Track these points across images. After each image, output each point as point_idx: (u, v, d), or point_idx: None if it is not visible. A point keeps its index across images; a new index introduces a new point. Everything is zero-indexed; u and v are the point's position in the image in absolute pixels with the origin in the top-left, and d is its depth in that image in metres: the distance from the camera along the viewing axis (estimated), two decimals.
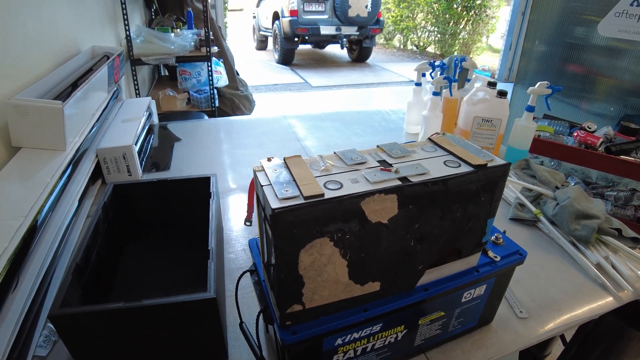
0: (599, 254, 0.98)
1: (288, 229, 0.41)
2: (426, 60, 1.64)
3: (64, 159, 1.00)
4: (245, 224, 0.62)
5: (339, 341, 0.56)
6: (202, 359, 0.68)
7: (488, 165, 0.51)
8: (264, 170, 0.48)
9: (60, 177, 0.99)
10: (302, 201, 0.41)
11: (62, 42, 1.45)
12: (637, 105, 1.92)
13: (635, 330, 0.99)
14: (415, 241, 0.51)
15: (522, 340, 0.76)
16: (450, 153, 0.54)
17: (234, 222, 1.06)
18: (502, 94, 1.39)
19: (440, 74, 1.53)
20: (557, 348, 1.33)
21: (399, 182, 0.46)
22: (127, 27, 2.27)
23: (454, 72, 1.62)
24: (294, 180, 0.45)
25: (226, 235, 1.00)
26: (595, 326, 1.13)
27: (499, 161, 0.53)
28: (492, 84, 1.43)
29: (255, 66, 6.88)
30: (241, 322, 0.65)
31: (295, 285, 0.46)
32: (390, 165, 0.50)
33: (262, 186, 0.44)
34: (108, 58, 1.55)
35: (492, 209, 0.55)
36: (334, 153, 0.52)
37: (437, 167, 0.50)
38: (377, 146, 0.55)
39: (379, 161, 0.51)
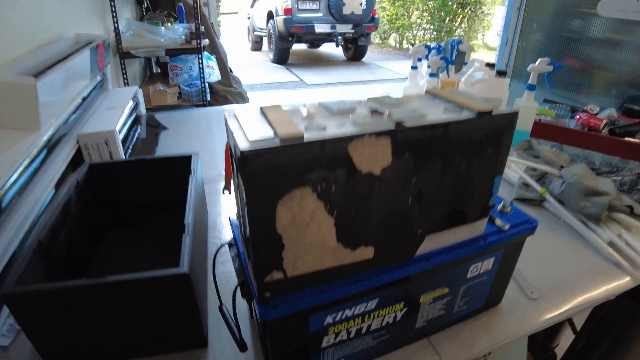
0: (610, 231, 0.92)
1: (261, 175, 0.35)
2: (422, 44, 1.58)
3: (38, 140, 0.93)
4: (223, 192, 0.55)
5: (329, 319, 0.49)
6: (178, 345, 0.61)
7: (493, 112, 0.45)
8: (236, 117, 0.41)
9: (34, 159, 0.92)
10: (277, 143, 0.35)
11: (45, 30, 1.39)
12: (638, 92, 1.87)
13: None
14: (412, 199, 0.44)
15: (533, 323, 0.70)
16: (451, 101, 0.48)
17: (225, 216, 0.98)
18: (501, 73, 1.33)
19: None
20: (565, 340, 1.27)
21: (392, 127, 0.39)
22: (115, 20, 2.21)
23: (451, 54, 1.56)
24: (270, 123, 0.38)
25: (217, 229, 0.92)
26: (607, 311, 1.07)
27: (506, 109, 0.47)
28: (490, 65, 1.38)
29: (251, 66, 6.83)
30: (221, 305, 0.58)
31: (274, 248, 0.39)
32: (383, 111, 0.43)
33: (231, 131, 0.38)
34: None
35: (498, 165, 0.49)
36: (319, 103, 0.46)
37: (436, 113, 0.44)
38: (368, 98, 0.48)
39: (370, 109, 0.44)
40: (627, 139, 1.58)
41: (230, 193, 0.56)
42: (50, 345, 0.57)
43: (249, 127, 0.37)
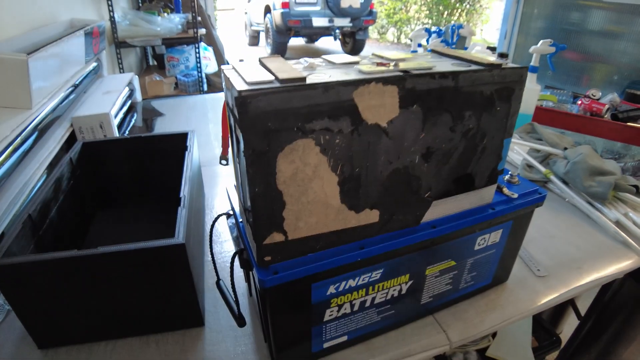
0: (617, 211, 0.90)
1: (260, 120, 0.32)
2: (422, 27, 1.55)
3: (29, 118, 0.90)
4: (220, 162, 0.53)
5: (332, 290, 0.47)
6: (174, 324, 0.58)
7: (503, 66, 0.43)
8: (233, 68, 0.38)
9: (26, 139, 0.89)
10: (277, 85, 0.32)
11: (39, 13, 1.36)
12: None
13: None
14: (420, 157, 0.41)
15: (542, 300, 0.67)
16: (458, 58, 0.45)
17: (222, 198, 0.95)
18: (503, 56, 1.30)
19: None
20: (568, 328, 1.25)
21: (400, 73, 0.37)
22: (110, 9, 2.17)
23: (451, 38, 1.53)
24: (270, 71, 0.36)
25: (215, 211, 0.89)
26: (613, 295, 1.05)
27: (515, 65, 0.44)
28: (492, 48, 1.35)
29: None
30: (218, 280, 0.56)
31: (274, 206, 0.37)
32: (387, 62, 0.40)
33: (229, 79, 0.35)
34: None
35: (508, 126, 0.47)
36: (322, 57, 0.43)
37: (444, 66, 0.41)
38: (373, 53, 0.46)
39: (375, 62, 0.42)
40: (629, 124, 1.56)
41: (227, 163, 0.53)
42: (39, 323, 0.54)
43: (247, 73, 0.35)
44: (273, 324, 0.46)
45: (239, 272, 0.68)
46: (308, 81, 0.33)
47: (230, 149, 0.44)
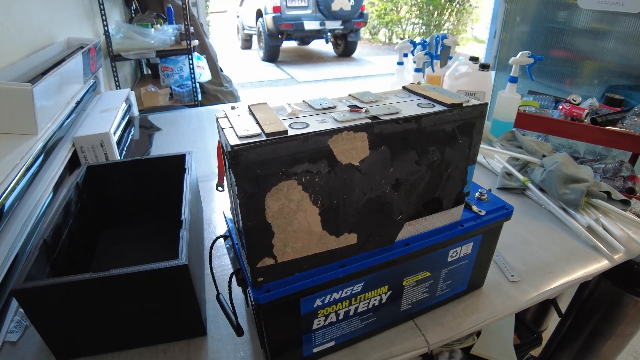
0: (589, 217, 0.96)
1: (250, 168, 0.38)
2: (407, 39, 1.62)
3: (36, 143, 0.96)
4: (217, 189, 0.59)
5: (318, 302, 0.53)
6: (179, 334, 0.65)
7: (463, 105, 0.49)
8: (226, 116, 0.45)
9: (33, 163, 0.95)
10: (264, 138, 0.38)
11: (36, 34, 1.41)
12: (623, 77, 1.91)
13: (630, 294, 0.98)
14: (391, 188, 0.48)
15: (515, 304, 0.74)
16: (425, 97, 0.52)
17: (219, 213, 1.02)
18: (484, 66, 1.37)
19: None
20: (553, 324, 1.32)
21: (368, 121, 0.43)
22: (105, 23, 2.23)
23: (435, 49, 1.60)
24: (257, 122, 0.42)
25: (212, 225, 0.96)
26: (590, 294, 1.11)
27: (476, 101, 0.51)
28: (474, 59, 1.42)
29: (241, 64, 6.84)
30: (218, 294, 0.62)
31: (265, 236, 0.43)
32: (361, 108, 0.47)
33: (222, 129, 0.41)
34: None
35: (471, 155, 0.53)
36: (303, 101, 0.49)
37: (410, 109, 0.48)
38: (349, 94, 0.52)
39: (349, 106, 0.48)
40: (608, 127, 1.63)
41: (223, 190, 0.60)
42: (58, 338, 0.60)
43: (238, 125, 0.41)
44: (267, 333, 0.52)
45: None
46: (290, 133, 0.39)
47: (225, 178, 0.50)
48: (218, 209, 1.02)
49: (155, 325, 0.62)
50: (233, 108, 0.46)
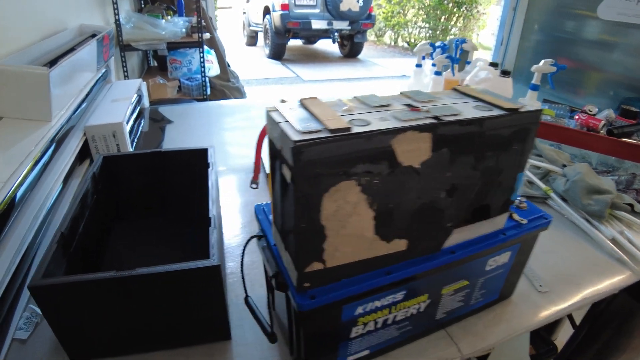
0: (613, 229, 0.94)
1: (311, 167, 0.36)
2: (427, 42, 1.60)
3: (49, 130, 0.92)
4: (251, 186, 0.56)
5: (360, 310, 0.51)
6: (202, 337, 0.62)
7: (519, 110, 0.47)
8: (277, 110, 0.42)
9: (45, 152, 0.92)
10: (328, 134, 0.36)
11: (48, 19, 1.37)
12: (636, 90, 1.90)
13: None
14: (445, 193, 0.45)
15: (545, 314, 0.72)
16: (479, 99, 0.49)
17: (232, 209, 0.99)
18: (505, 72, 1.35)
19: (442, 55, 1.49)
20: (564, 335, 1.30)
21: (433, 121, 0.40)
22: (116, 12, 2.19)
23: (455, 53, 1.58)
24: (315, 117, 0.39)
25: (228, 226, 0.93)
26: (607, 306, 1.10)
27: (532, 107, 0.48)
28: (494, 64, 1.40)
29: (246, 61, 6.80)
30: (247, 297, 0.59)
31: (317, 239, 0.40)
32: (419, 107, 0.44)
33: (277, 123, 0.39)
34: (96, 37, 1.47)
35: (522, 162, 0.51)
36: (354, 97, 0.47)
37: (468, 111, 0.45)
38: (400, 92, 0.49)
39: (404, 104, 0.45)
40: (624, 139, 1.62)
41: (257, 187, 0.57)
42: (73, 337, 0.56)
43: (294, 120, 0.38)
44: (306, 341, 0.50)
45: (256, 282, 0.71)
46: (353, 130, 0.37)
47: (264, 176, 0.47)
48: (223, 206, 0.99)
49: (178, 327, 0.59)
50: (283, 101, 0.43)
